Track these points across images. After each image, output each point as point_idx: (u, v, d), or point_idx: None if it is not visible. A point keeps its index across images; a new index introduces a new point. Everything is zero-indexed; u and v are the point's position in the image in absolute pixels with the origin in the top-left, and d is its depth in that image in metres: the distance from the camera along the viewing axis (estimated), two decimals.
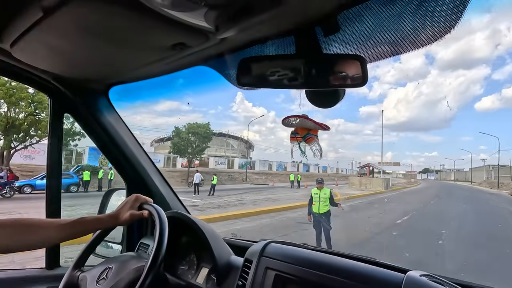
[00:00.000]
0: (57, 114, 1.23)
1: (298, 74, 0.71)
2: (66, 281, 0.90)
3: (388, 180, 28.47)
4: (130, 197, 0.97)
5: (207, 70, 1.00)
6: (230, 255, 1.05)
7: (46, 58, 0.96)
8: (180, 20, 0.65)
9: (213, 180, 17.83)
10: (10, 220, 0.82)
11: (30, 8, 0.67)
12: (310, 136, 0.85)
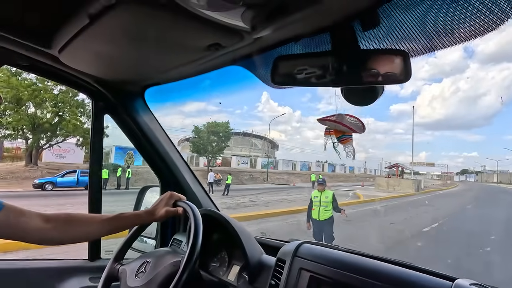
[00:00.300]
0: (98, 115, 1.31)
1: (335, 71, 0.69)
2: (107, 274, 0.95)
3: (419, 181, 26.52)
4: (165, 194, 1.00)
5: (238, 69, 1.01)
6: (262, 254, 1.05)
7: (89, 63, 1.02)
8: (216, 21, 0.65)
9: (228, 180, 17.51)
10: (57, 215, 0.88)
11: (78, 15, 0.71)
12: (346, 137, 0.84)
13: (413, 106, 62.30)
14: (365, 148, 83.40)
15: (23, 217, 0.80)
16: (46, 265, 1.22)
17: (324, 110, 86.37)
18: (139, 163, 22.79)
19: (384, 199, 16.32)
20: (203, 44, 0.79)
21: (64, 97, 18.38)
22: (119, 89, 1.25)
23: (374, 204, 14.29)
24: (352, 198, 16.77)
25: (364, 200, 15.51)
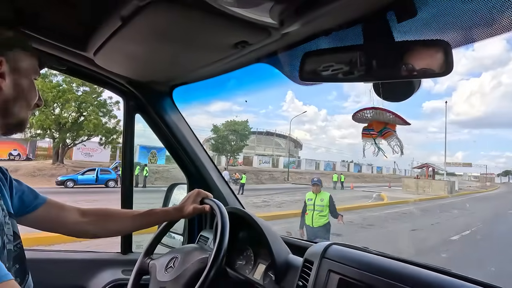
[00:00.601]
0: (129, 115, 1.36)
1: (368, 65, 0.66)
2: (138, 267, 0.99)
3: (452, 183, 24.44)
4: (193, 191, 1.02)
5: (264, 67, 1.00)
6: (288, 254, 1.04)
7: (122, 64, 1.06)
8: (244, 17, 0.65)
9: (242, 179, 17.14)
10: (93, 209, 0.93)
11: (110, 18, 0.74)
12: (388, 130, 0.77)
13: (445, 101, 57.17)
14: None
15: (63, 211, 0.85)
16: (82, 257, 1.30)
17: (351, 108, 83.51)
18: (162, 162, 23.53)
19: (411, 202, 15.19)
20: (230, 42, 0.79)
21: (86, 97, 19.12)
22: (149, 89, 1.29)
23: (399, 207, 13.11)
24: (376, 200, 15.99)
25: (387, 202, 14.62)
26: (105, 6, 0.73)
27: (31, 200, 0.78)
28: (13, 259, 0.65)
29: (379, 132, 0.76)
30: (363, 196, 17.53)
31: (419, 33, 0.67)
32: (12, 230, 0.66)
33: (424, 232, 7.85)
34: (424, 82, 0.68)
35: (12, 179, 0.75)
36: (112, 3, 0.70)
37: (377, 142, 0.77)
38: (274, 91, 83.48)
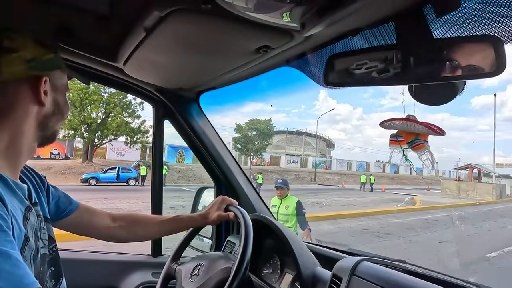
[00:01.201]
0: (159, 121, 1.40)
1: (401, 67, 0.59)
2: (165, 273, 1.01)
3: (502, 186, 20.94)
4: (218, 198, 1.02)
5: (291, 70, 0.97)
6: (316, 266, 0.99)
7: (149, 73, 1.10)
8: (264, 22, 0.63)
9: (258, 179, 16.58)
10: (123, 215, 0.96)
11: (135, 29, 0.76)
12: (419, 142, 0.70)
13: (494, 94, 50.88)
14: (437, 146, 73.88)
15: (95, 217, 0.89)
16: (114, 258, 1.36)
17: (389, 106, 78.52)
18: (189, 161, 24.19)
19: (448, 207, 13.24)
20: (252, 47, 0.77)
21: (110, 99, 20.04)
22: (176, 95, 1.32)
23: (431, 213, 11.46)
24: (406, 204, 14.68)
25: (418, 207, 13.14)
26: (130, 18, 0.75)
27: (66, 206, 0.82)
28: (48, 263, 0.68)
29: (409, 143, 0.69)
30: (392, 200, 16.31)
31: (463, 27, 0.59)
32: (47, 234, 0.69)
33: (454, 245, 6.43)
34: None
35: (50, 186, 0.79)
36: (135, 15, 0.72)
37: (406, 153, 0.69)
38: (305, 92, 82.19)
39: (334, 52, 0.68)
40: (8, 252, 0.45)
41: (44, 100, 0.62)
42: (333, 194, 17.92)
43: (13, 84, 0.59)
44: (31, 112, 0.62)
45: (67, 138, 20.86)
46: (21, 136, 0.60)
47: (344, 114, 78.50)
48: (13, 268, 0.44)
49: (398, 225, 8.80)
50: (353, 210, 11.41)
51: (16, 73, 0.58)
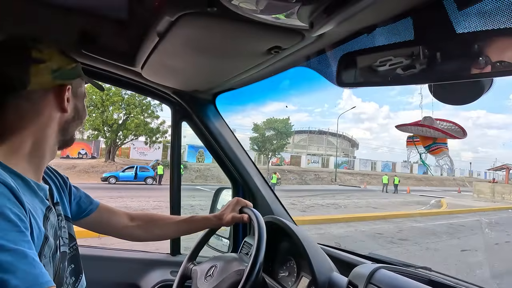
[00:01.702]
0: (176, 122, 1.43)
1: (420, 65, 0.56)
2: (182, 272, 1.03)
3: None
4: (232, 200, 1.03)
5: (306, 70, 0.95)
6: (332, 271, 0.96)
7: (166, 76, 1.13)
8: (273, 23, 0.62)
9: (272, 179, 16.37)
10: (140, 214, 0.99)
11: (149, 34, 0.78)
12: (437, 146, 0.66)
13: None
14: (472, 146, 69.22)
15: (113, 216, 0.93)
16: (135, 256, 1.40)
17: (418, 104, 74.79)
18: (209, 161, 24.51)
19: (478, 211, 11.99)
20: (263, 48, 0.77)
21: (130, 99, 20.59)
22: (193, 98, 1.34)
23: (458, 217, 10.47)
24: (432, 207, 13.70)
25: (444, 211, 12.11)
26: (144, 24, 0.78)
27: (86, 206, 0.86)
28: (68, 260, 0.72)
29: (427, 147, 0.65)
30: (416, 202, 15.37)
31: (490, 19, 0.54)
32: (67, 232, 0.73)
33: (479, 255, 5.64)
34: None
35: (72, 186, 0.83)
36: (149, 21, 0.74)
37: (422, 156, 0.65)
38: (328, 91, 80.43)
39: (349, 50, 0.65)
40: (24, 251, 0.47)
41: (67, 107, 0.66)
42: (352, 196, 17.20)
43: (40, 91, 0.62)
44: (54, 118, 0.65)
45: (91, 138, 21.86)
46: (44, 140, 0.64)
47: (369, 112, 75.79)
48: (29, 267, 0.46)
49: (417, 230, 8.20)
50: (370, 212, 10.77)
51: (43, 82, 0.62)
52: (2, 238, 0.45)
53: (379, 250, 5.27)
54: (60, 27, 0.93)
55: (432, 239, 7.13)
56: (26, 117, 0.61)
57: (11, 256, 0.44)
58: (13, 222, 0.48)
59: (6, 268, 0.43)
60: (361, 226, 8.26)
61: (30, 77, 0.59)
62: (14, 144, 0.60)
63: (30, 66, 0.60)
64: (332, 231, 7.54)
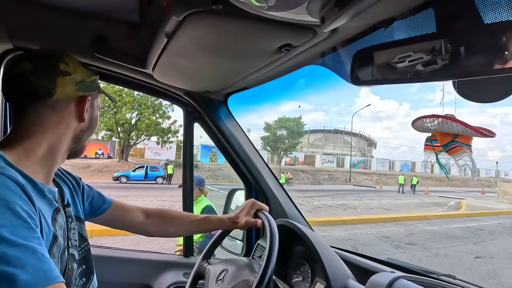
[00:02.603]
0: (189, 123, 1.43)
1: (442, 60, 0.51)
2: (195, 271, 1.02)
3: None
4: (247, 202, 1.00)
5: (321, 69, 0.92)
6: (348, 279, 0.92)
7: (176, 77, 1.12)
8: (282, 20, 0.60)
9: (281, 179, 16.19)
10: (155, 211, 1.00)
11: (158, 36, 0.78)
12: (456, 144, 0.59)
13: None
14: (499, 144, 65.85)
15: (128, 213, 0.94)
16: (148, 257, 1.41)
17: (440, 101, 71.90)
18: (221, 161, 24.67)
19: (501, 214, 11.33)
20: (273, 46, 0.74)
21: (141, 100, 20.95)
22: (204, 98, 1.34)
23: (478, 220, 9.77)
24: (451, 209, 13.01)
25: (462, 213, 11.38)
26: (153, 25, 0.77)
27: (100, 204, 0.87)
28: (78, 261, 0.72)
29: (444, 146, 0.59)
30: (433, 204, 14.64)
31: None
32: (78, 234, 0.74)
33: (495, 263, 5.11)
34: None
35: (84, 186, 0.85)
36: (157, 22, 0.73)
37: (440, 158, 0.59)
38: (344, 89, 79.06)
39: (363, 46, 0.61)
40: (34, 247, 0.47)
41: (85, 117, 0.70)
42: (366, 196, 16.65)
43: (63, 101, 0.65)
44: (71, 126, 0.68)
45: (105, 138, 22.52)
46: (58, 146, 0.67)
47: (388, 111, 73.92)
48: (38, 263, 0.46)
49: (429, 234, 7.74)
50: (381, 214, 10.36)
51: (68, 92, 0.65)
52: (12, 234, 0.46)
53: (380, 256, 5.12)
54: (74, 31, 0.95)
55: (444, 243, 6.70)
56: (47, 124, 0.64)
57: (20, 251, 0.45)
58: (23, 219, 0.49)
59: (15, 263, 0.44)
60: (368, 228, 7.98)
61: (56, 88, 0.63)
62: (30, 147, 0.61)
63: (58, 77, 0.64)
64: (335, 234, 7.28)
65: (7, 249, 0.44)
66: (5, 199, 0.48)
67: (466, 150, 0.59)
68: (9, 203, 0.48)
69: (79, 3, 0.84)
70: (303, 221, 1.44)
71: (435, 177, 32.68)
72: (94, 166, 20.31)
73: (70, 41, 1.01)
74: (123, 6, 0.82)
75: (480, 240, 7.16)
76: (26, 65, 0.62)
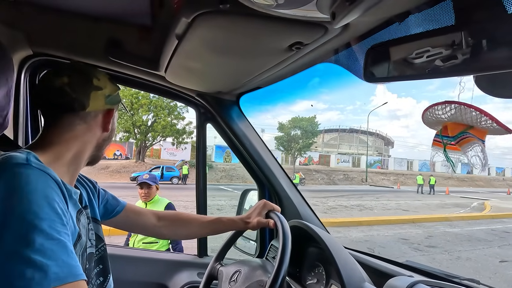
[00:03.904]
0: (201, 124, 1.44)
1: (464, 54, 0.49)
2: (208, 272, 1.02)
3: None
4: (259, 202, 1.00)
5: (334, 66, 0.90)
6: (364, 282, 0.89)
7: (188, 78, 1.13)
8: (291, 17, 0.58)
9: (295, 179, 16.04)
10: (167, 214, 1.01)
11: (169, 38, 0.78)
12: (468, 135, 0.55)
13: None
14: None
15: (140, 216, 0.96)
16: (163, 257, 1.43)
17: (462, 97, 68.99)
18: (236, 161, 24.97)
19: None
20: (283, 45, 0.73)
21: (157, 102, 21.44)
22: (216, 99, 1.34)
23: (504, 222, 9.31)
24: (473, 210, 12.38)
25: (486, 214, 10.86)
26: (164, 28, 0.78)
27: (113, 207, 0.90)
28: (96, 261, 0.75)
29: (455, 137, 0.54)
30: (455, 205, 14.07)
31: None
32: (95, 234, 0.76)
33: None
34: None
35: (100, 190, 0.88)
36: (167, 24, 0.74)
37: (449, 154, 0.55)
38: (359, 87, 77.61)
39: (377, 42, 0.59)
40: (66, 243, 0.50)
41: (109, 127, 0.75)
42: (383, 197, 16.21)
43: (93, 113, 0.71)
44: (96, 135, 0.74)
45: (122, 140, 23.24)
46: (84, 153, 0.71)
47: (406, 109, 71.90)
48: (68, 258, 0.49)
49: (450, 236, 7.44)
50: (399, 215, 10.06)
51: (99, 106, 0.71)
52: (50, 227, 0.48)
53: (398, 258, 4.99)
54: (90, 36, 0.98)
55: (466, 246, 6.42)
56: (76, 132, 0.69)
57: (55, 245, 0.48)
58: (59, 215, 0.52)
59: (49, 255, 0.46)
60: (385, 230, 7.79)
61: (89, 101, 0.69)
62: (60, 152, 0.66)
63: (91, 92, 0.69)
64: (351, 235, 7.13)
65: (44, 241, 0.46)
66: (46, 195, 0.51)
67: (478, 142, 0.55)
68: (49, 199, 0.51)
69: (94, 8, 0.86)
70: (317, 222, 1.42)
71: (457, 177, 31.45)
72: (112, 166, 20.95)
73: (86, 46, 1.04)
74: (136, 10, 0.84)
75: (505, 243, 6.84)
76: (64, 79, 0.67)
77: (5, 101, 0.70)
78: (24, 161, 0.54)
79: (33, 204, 0.48)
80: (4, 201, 0.47)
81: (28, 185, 0.50)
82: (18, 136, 1.08)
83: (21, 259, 0.44)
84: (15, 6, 0.85)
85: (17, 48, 1.00)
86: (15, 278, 0.42)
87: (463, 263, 5.34)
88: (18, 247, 0.44)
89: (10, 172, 0.51)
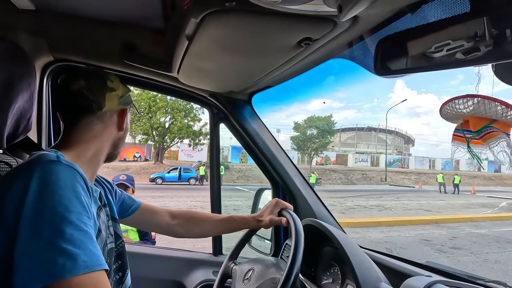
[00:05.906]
0: (214, 125, 1.45)
1: (479, 41, 0.46)
2: (222, 271, 1.03)
3: None
4: (271, 201, 1.00)
5: (346, 62, 0.88)
6: (380, 282, 0.86)
7: (200, 79, 1.14)
8: (298, 13, 0.58)
9: (311, 179, 15.76)
10: (181, 212, 1.03)
11: (180, 39, 0.80)
12: (493, 130, 0.52)
13: None
14: None
15: (155, 215, 0.98)
16: (178, 255, 1.46)
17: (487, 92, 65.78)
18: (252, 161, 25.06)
19: None
20: (291, 41, 0.72)
21: (174, 104, 21.84)
22: (229, 99, 1.35)
23: None
24: (502, 210, 11.69)
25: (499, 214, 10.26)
26: (174, 29, 0.80)
27: (129, 206, 0.94)
28: (115, 257, 0.78)
29: (478, 131, 0.51)
30: (481, 205, 13.30)
31: None
32: (114, 231, 0.79)
33: None
34: None
35: (117, 189, 0.92)
36: (178, 26, 0.75)
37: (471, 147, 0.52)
38: (376, 83, 75.60)
39: (388, 34, 0.57)
40: (91, 234, 0.53)
41: (124, 126, 0.80)
42: (403, 197, 15.62)
43: (109, 113, 0.76)
44: (112, 134, 0.78)
45: (141, 142, 23.86)
46: (102, 151, 0.76)
47: (426, 106, 69.27)
48: (94, 249, 0.52)
49: (477, 237, 7.05)
50: (421, 216, 9.66)
51: (114, 106, 0.76)
52: (78, 219, 0.52)
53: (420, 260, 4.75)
54: (106, 41, 1.02)
55: (495, 248, 6.09)
56: (95, 132, 0.73)
57: (83, 235, 0.51)
58: (85, 208, 0.55)
59: (79, 245, 0.49)
60: (406, 231, 7.50)
61: (105, 102, 0.74)
62: (81, 150, 0.71)
63: (106, 93, 0.74)
64: (371, 236, 6.94)
65: (74, 232, 0.50)
66: (74, 189, 0.55)
67: (504, 136, 0.51)
68: (77, 193, 0.55)
69: (111, 14, 0.90)
70: (333, 222, 1.39)
71: (483, 175, 29.91)
72: (132, 168, 21.63)
73: (103, 51, 1.08)
74: (149, 13, 0.86)
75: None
76: (81, 83, 0.71)
77: (29, 105, 0.75)
78: (55, 158, 0.58)
79: (63, 198, 0.52)
80: (39, 194, 0.51)
81: (59, 180, 0.54)
82: (42, 138, 1.13)
83: (55, 248, 0.47)
84: (37, 16, 0.90)
85: (39, 55, 1.05)
86: (50, 265, 0.46)
87: (491, 265, 5.08)
88: (52, 237, 0.48)
89: (43, 168, 0.55)
